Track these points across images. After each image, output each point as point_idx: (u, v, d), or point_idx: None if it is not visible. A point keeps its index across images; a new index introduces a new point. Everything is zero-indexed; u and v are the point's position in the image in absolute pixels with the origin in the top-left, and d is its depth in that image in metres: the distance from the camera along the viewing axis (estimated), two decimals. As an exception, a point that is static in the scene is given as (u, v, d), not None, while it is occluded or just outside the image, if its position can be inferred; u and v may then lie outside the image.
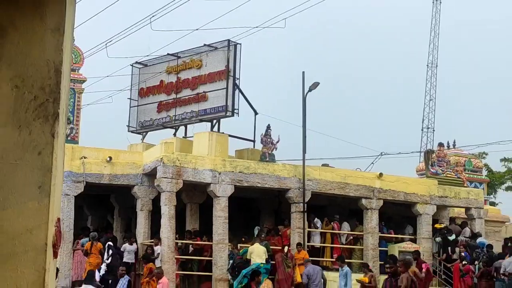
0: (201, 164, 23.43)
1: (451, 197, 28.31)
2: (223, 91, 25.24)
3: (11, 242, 4.99)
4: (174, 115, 26.66)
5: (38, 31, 5.34)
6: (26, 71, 5.25)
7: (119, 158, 24.88)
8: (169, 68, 26.98)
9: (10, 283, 5.00)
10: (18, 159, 5.12)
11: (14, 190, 5.05)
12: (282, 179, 24.52)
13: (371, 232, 25.70)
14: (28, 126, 5.16)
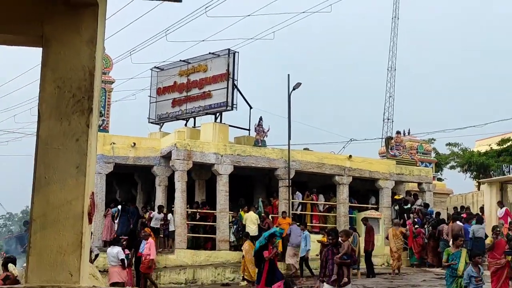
0: (207, 148, 23.47)
1: (406, 174, 28.47)
2: (224, 90, 25.31)
3: (55, 211, 5.00)
4: (185, 109, 26.72)
5: (76, 43, 5.33)
6: (66, 74, 5.24)
7: (141, 144, 24.96)
8: (181, 71, 26.99)
9: (54, 244, 5.00)
10: (60, 145, 5.12)
11: (57, 169, 5.05)
12: (272, 160, 24.58)
13: (342, 203, 25.84)
14: (68, 118, 5.15)
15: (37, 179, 5.09)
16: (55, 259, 4.97)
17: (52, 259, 4.97)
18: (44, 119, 5.19)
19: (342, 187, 25.87)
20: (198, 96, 26.28)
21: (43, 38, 5.38)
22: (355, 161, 26.69)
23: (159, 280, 20.88)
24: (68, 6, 5.32)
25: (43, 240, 5.00)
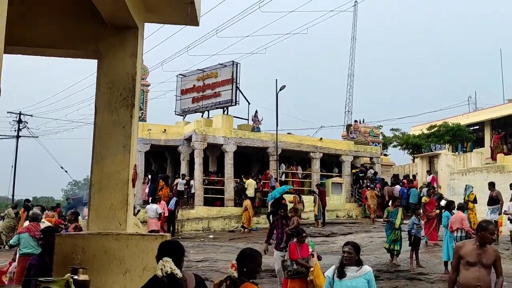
0: (217, 133, 23.46)
1: (362, 151, 28.47)
2: (229, 91, 25.26)
3: (108, 178, 4.99)
4: (201, 105, 26.64)
5: (122, 56, 5.29)
6: (115, 79, 5.21)
7: (170, 130, 24.94)
8: (198, 77, 26.87)
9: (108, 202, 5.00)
10: (111, 131, 5.10)
11: (109, 148, 5.04)
12: (264, 142, 24.56)
13: (315, 172, 25.82)
14: (117, 111, 5.13)
15: (95, 155, 5.09)
16: (108, 213, 4.98)
17: (106, 213, 4.99)
18: (99, 112, 5.18)
19: (315, 161, 25.87)
20: (211, 95, 26.24)
21: (98, 53, 5.35)
22: (325, 142, 26.68)
23: (183, 228, 20.97)
24: (116, 29, 5.29)
25: (100, 199, 5.01)
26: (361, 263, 5.05)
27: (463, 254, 5.49)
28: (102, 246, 4.73)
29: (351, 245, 5.09)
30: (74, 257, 4.65)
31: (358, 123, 34.54)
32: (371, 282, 4.97)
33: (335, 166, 27.55)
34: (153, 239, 4.81)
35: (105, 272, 4.67)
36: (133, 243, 4.72)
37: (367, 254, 14.37)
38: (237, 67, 25.55)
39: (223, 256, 14.17)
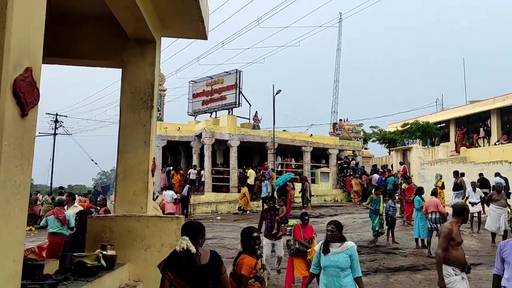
0: (224, 130, 23.44)
1: (346, 146, 28.46)
2: (233, 94, 25.25)
3: (131, 169, 4.99)
4: (210, 107, 26.61)
5: (142, 65, 5.28)
6: (137, 85, 5.20)
7: (183, 128, 24.92)
8: (207, 83, 26.82)
9: (131, 189, 5.00)
10: (134, 129, 5.10)
11: (132, 143, 5.04)
12: (263, 137, 24.55)
13: (307, 163, 25.84)
14: (138, 112, 5.13)
15: (120, 149, 5.09)
16: (132, 198, 4.98)
17: (130, 198, 4.99)
18: (123, 113, 5.17)
19: (306, 154, 25.86)
20: (218, 99, 26.20)
21: (122, 63, 5.34)
22: (314, 138, 26.66)
23: (195, 211, 20.97)
24: (137, 42, 5.28)
25: (124, 187, 5.01)
26: (344, 239, 4.87)
27: (454, 235, 5.45)
28: (127, 226, 4.74)
29: (333, 224, 4.91)
30: (103, 236, 4.67)
31: (342, 122, 34.51)
32: (353, 257, 4.75)
33: (323, 158, 27.54)
34: (169, 220, 4.83)
35: (129, 248, 4.68)
36: (153, 224, 4.74)
37: (350, 232, 14.40)
38: (240, 74, 25.53)
39: (229, 235, 14.20)
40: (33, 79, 2.28)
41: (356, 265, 4.75)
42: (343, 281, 4.65)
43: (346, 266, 4.68)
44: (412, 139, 32.05)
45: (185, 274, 3.42)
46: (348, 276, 4.68)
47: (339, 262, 4.68)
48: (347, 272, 4.68)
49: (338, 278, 4.67)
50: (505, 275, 4.43)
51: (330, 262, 4.72)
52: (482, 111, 28.85)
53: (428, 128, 31.03)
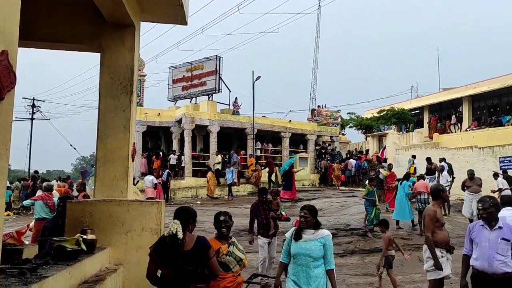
0: (204, 116, 23.31)
1: (324, 131, 28.68)
2: (213, 80, 25.10)
3: (111, 154, 4.93)
4: (190, 92, 26.43)
5: (122, 50, 5.19)
6: (116, 70, 5.12)
7: (164, 113, 24.75)
8: (187, 69, 26.57)
9: (111, 174, 4.95)
10: (113, 114, 5.03)
11: (112, 128, 4.97)
12: (243, 123, 24.51)
13: (285, 148, 25.94)
14: (118, 97, 5.05)
15: (100, 134, 5.02)
16: (112, 183, 4.94)
17: (110, 183, 4.94)
18: (103, 98, 5.09)
19: (285, 139, 25.96)
20: (198, 84, 26.01)
21: (101, 47, 5.23)
22: (293, 124, 26.75)
23: (176, 196, 20.90)
24: (116, 27, 5.18)
25: (104, 172, 4.95)
26: (318, 226, 4.36)
27: (439, 217, 5.53)
28: (107, 210, 4.70)
29: (306, 209, 4.38)
30: (83, 220, 4.62)
31: (321, 108, 34.74)
32: (327, 246, 4.22)
33: (301, 143, 27.70)
34: (150, 204, 4.81)
35: (110, 232, 4.66)
36: (133, 208, 4.71)
37: (327, 215, 14.61)
38: (220, 60, 25.36)
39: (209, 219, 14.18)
40: (9, 63, 2.22)
41: (329, 256, 4.23)
42: (313, 272, 4.13)
43: (318, 256, 4.17)
44: (387, 125, 32.51)
45: (169, 259, 3.42)
46: (320, 267, 4.17)
47: (310, 251, 4.17)
48: (318, 262, 4.17)
49: (307, 268, 4.15)
50: (474, 255, 4.59)
51: (301, 250, 4.21)
52: (454, 98, 29.41)
53: (403, 114, 31.49)
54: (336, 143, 29.01)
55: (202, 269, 3.51)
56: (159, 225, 4.74)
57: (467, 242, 4.71)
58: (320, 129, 28.21)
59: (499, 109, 27.39)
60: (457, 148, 21.06)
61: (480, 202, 4.74)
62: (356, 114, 38.67)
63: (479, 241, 4.55)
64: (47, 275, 3.05)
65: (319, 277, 4.12)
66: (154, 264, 3.50)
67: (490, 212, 4.55)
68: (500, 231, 4.49)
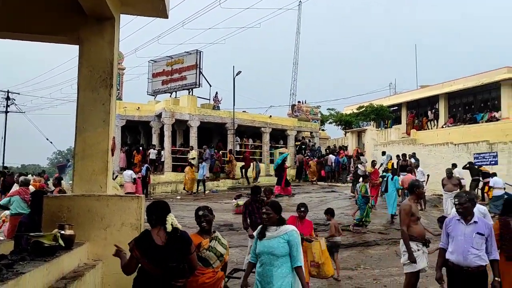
0: (184, 111, 23.13)
1: (304, 127, 28.82)
2: (194, 75, 24.90)
3: (90, 148, 4.86)
4: (170, 86, 26.17)
5: (101, 43, 5.11)
6: (95, 63, 5.03)
7: (143, 108, 24.44)
8: (167, 63, 26.30)
9: (90, 168, 4.88)
10: (92, 107, 4.95)
11: (91, 122, 4.90)
12: (224, 118, 24.43)
13: (265, 143, 25.96)
14: (97, 90, 4.98)
15: (78, 127, 4.93)
16: (91, 177, 4.87)
17: (89, 178, 4.87)
18: (82, 90, 5.00)
19: (266, 134, 25.97)
20: (178, 79, 25.77)
21: (79, 39, 5.13)
22: (273, 119, 26.78)
23: (155, 191, 20.72)
24: (96, 19, 5.09)
25: (83, 166, 4.88)
26: (282, 222, 4.14)
27: (414, 211, 5.63)
28: (85, 205, 4.63)
29: (269, 205, 4.22)
30: (61, 215, 4.54)
31: (301, 104, 34.92)
32: (292, 242, 3.98)
33: (281, 139, 27.79)
34: (130, 199, 4.75)
35: (88, 228, 4.59)
36: (113, 203, 4.65)
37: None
38: (200, 54, 25.17)
39: (189, 214, 14.14)
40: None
41: (295, 252, 3.98)
42: (277, 271, 3.92)
43: (282, 254, 3.95)
44: (366, 122, 32.89)
45: (153, 255, 3.39)
46: (284, 266, 3.94)
47: (273, 249, 3.97)
48: (282, 260, 3.95)
49: (271, 267, 3.94)
50: (449, 249, 4.70)
51: (264, 248, 4.02)
52: (431, 95, 29.97)
53: (381, 111, 31.92)
54: (316, 139, 29.20)
55: (183, 265, 3.50)
56: (139, 220, 4.69)
57: (444, 235, 4.82)
58: (300, 125, 28.33)
59: (473, 107, 28.02)
60: (434, 144, 21.49)
61: (456, 198, 4.84)
62: (336, 110, 39.07)
63: (455, 235, 4.66)
64: (24, 271, 2.98)
65: (283, 276, 3.91)
66: (135, 259, 3.47)
67: (466, 207, 4.66)
68: (475, 225, 4.60)
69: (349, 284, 7.83)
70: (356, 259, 9.70)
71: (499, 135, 19.81)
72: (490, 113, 25.63)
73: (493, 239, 4.61)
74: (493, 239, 4.61)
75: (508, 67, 25.61)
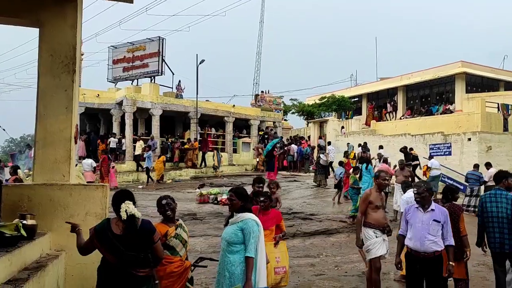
0: (146, 99, 22.73)
1: (267, 117, 28.93)
2: (156, 62, 24.42)
3: (52, 136, 4.72)
4: (131, 74, 25.55)
5: (63, 26, 4.95)
6: (57, 47, 4.88)
7: (103, 95, 23.80)
8: (128, 49, 25.62)
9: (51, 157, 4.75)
10: (54, 93, 4.81)
11: (53, 109, 4.76)
12: (187, 107, 24.19)
13: (229, 133, 25.93)
14: (59, 76, 4.83)
15: (39, 114, 4.78)
16: (53, 166, 4.73)
17: (51, 166, 4.74)
18: (42, 76, 4.83)
19: (229, 124, 25.94)
20: (140, 66, 25.21)
21: (39, 22, 4.94)
22: (237, 108, 26.78)
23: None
24: (57, 1, 4.89)
25: (44, 154, 4.73)
26: (246, 209, 4.02)
27: (372, 199, 5.78)
28: (47, 195, 4.50)
29: (233, 191, 4.11)
30: (21, 205, 4.40)
31: (264, 93, 35.06)
32: (246, 231, 3.84)
33: (245, 128, 27.83)
34: (94, 188, 4.66)
35: (51, 218, 4.47)
36: (76, 192, 4.54)
37: (270, 199, 14.85)
38: (163, 42, 24.69)
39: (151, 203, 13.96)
40: None
41: (247, 241, 3.82)
42: (228, 258, 3.86)
43: (234, 241, 3.86)
44: (328, 112, 33.44)
45: (110, 243, 3.36)
46: (237, 254, 3.84)
47: (227, 235, 3.92)
48: (235, 248, 3.85)
49: (224, 253, 3.92)
50: (408, 235, 4.91)
51: (224, 234, 4.00)
52: (390, 87, 30.83)
53: (343, 102, 32.51)
54: (278, 129, 29.44)
55: (145, 254, 3.48)
56: (104, 210, 4.62)
57: (403, 223, 5.03)
58: (263, 115, 28.46)
59: (430, 99, 29.07)
60: (392, 135, 22.18)
61: (415, 187, 5.06)
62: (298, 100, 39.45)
63: (413, 222, 4.87)
64: (-15, 262, 2.89)
65: (234, 264, 3.82)
66: (92, 245, 3.44)
67: (423, 196, 4.87)
68: (432, 213, 4.83)
69: (312, 271, 8.02)
70: (318, 247, 9.94)
71: (453, 127, 20.69)
72: (444, 105, 26.69)
73: (449, 226, 4.86)
74: (449, 226, 4.86)
75: (463, 62, 26.70)
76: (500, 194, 5.71)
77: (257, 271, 3.86)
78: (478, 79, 27.67)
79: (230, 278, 3.83)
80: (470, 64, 26.93)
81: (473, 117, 20.54)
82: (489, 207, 5.69)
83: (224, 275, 3.87)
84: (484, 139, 17.95)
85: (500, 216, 5.55)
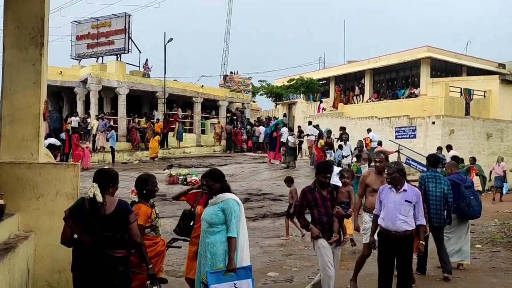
0: (112, 77, 22.09)
1: (235, 98, 28.74)
2: (122, 40, 23.64)
3: (20, 112, 4.52)
4: (96, 51, 24.65)
5: (30, -5, 4.65)
6: (24, 18, 4.62)
7: (66, 72, 22.96)
8: (93, 25, 24.65)
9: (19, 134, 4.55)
10: (21, 67, 4.58)
11: (20, 83, 4.54)
12: (154, 87, 23.70)
13: (197, 114, 25.63)
14: (26, 49, 4.59)
15: (5, 89, 4.54)
16: (20, 144, 4.53)
17: (18, 144, 4.53)
18: (7, 49, 4.57)
19: (197, 105, 25.61)
20: (105, 43, 24.34)
21: (5, -10, 4.65)
22: (205, 89, 26.46)
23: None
24: (24, -32, 4.61)
25: (11, 131, 4.52)
26: (225, 190, 4.00)
27: (369, 182, 5.76)
28: (14, 174, 4.31)
29: (206, 176, 4.08)
30: (-14, 185, 4.19)
31: (233, 74, 34.81)
32: (227, 211, 3.84)
33: (213, 109, 27.60)
34: (65, 167, 4.50)
35: (19, 197, 4.29)
36: (46, 171, 4.37)
37: (239, 181, 14.92)
38: (130, 18, 23.93)
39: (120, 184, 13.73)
40: None
41: (229, 222, 3.82)
42: (209, 238, 3.84)
43: (214, 222, 3.84)
44: (297, 94, 33.59)
45: (86, 223, 3.27)
46: (218, 234, 3.83)
47: (207, 216, 3.91)
48: (216, 228, 3.84)
49: (204, 234, 3.91)
50: (381, 215, 5.03)
51: (204, 215, 3.99)
52: (358, 71, 31.23)
53: (311, 84, 32.71)
54: (247, 110, 29.35)
55: (122, 234, 3.40)
56: (75, 189, 4.47)
57: (378, 203, 5.14)
58: (232, 96, 28.28)
59: (396, 83, 29.68)
60: (360, 118, 22.55)
61: (386, 168, 5.16)
62: (267, 82, 39.41)
63: (386, 203, 4.99)
64: (-47, 244, 2.74)
65: (215, 244, 3.80)
66: (69, 229, 3.33)
67: (393, 177, 4.98)
68: (404, 193, 4.95)
69: (282, 251, 8.13)
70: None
71: (418, 111, 21.25)
72: (410, 89, 27.33)
73: (421, 207, 5.00)
74: (421, 207, 5.00)
75: (428, 46, 27.30)
76: (439, 176, 6.29)
77: (239, 251, 3.84)
78: (442, 64, 28.40)
79: (211, 259, 3.80)
80: (435, 49, 27.57)
81: (437, 101, 21.15)
82: (431, 186, 6.17)
83: (205, 256, 3.85)
84: (447, 123, 18.53)
85: (438, 195, 6.12)
